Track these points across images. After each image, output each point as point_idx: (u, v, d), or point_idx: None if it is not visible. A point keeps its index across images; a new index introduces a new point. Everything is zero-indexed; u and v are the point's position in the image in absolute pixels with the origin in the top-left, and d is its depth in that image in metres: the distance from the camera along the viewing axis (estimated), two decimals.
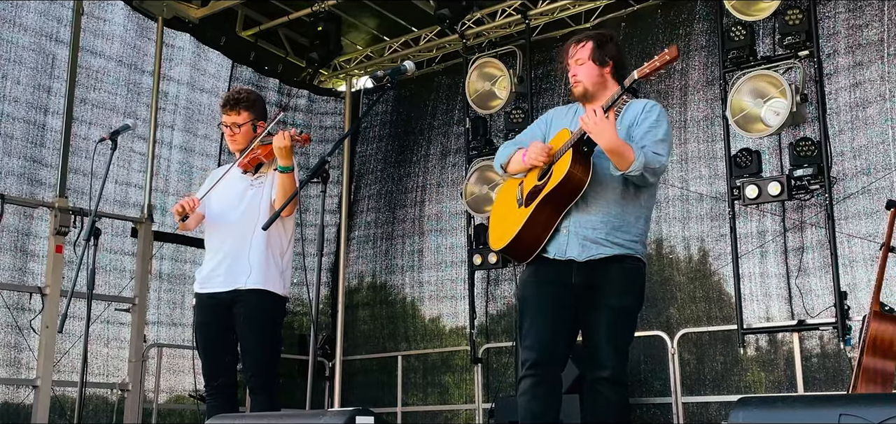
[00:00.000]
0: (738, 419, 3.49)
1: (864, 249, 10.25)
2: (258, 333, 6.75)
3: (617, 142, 5.38)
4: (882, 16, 10.63)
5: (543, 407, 5.59)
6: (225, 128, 7.02)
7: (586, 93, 5.88)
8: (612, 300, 5.59)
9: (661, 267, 11.84)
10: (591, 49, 5.91)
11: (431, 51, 14.25)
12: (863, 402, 3.32)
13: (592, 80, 5.88)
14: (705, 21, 11.89)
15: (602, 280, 5.59)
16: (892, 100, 10.37)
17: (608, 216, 5.62)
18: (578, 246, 5.61)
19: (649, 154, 5.48)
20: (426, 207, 14.21)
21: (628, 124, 5.71)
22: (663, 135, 5.66)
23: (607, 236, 5.60)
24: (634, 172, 5.40)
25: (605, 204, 5.63)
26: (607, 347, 5.56)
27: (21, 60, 10.98)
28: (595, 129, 5.35)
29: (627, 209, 5.68)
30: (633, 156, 5.38)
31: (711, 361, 11.30)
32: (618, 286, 5.61)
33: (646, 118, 5.72)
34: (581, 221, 5.62)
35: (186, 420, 12.46)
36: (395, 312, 14.31)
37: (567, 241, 5.64)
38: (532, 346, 5.66)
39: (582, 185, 5.51)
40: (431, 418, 13.67)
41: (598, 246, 5.59)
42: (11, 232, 10.68)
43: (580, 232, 5.61)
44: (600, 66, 5.90)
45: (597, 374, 5.59)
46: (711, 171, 11.50)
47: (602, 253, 5.58)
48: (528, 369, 5.63)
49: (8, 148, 10.79)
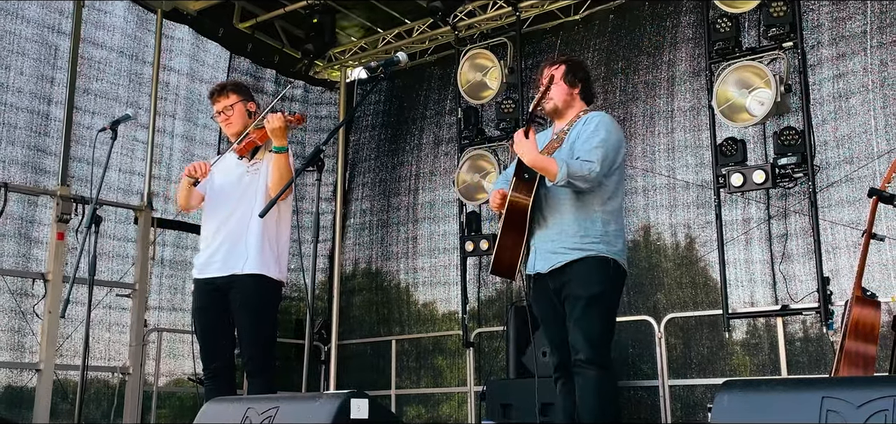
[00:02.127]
0: (723, 401, 3.50)
1: (847, 236, 10.25)
2: (254, 318, 6.76)
3: (536, 158, 5.86)
4: (865, 9, 10.64)
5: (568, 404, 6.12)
6: (219, 115, 7.06)
7: (556, 110, 6.33)
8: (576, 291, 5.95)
9: (648, 253, 11.85)
10: (564, 71, 6.30)
11: (424, 42, 14.22)
12: (845, 385, 3.33)
13: (562, 99, 6.30)
14: (692, 13, 11.89)
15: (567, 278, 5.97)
16: (875, 91, 10.38)
17: (563, 227, 6.03)
18: (542, 260, 6.10)
19: (573, 163, 5.84)
20: (420, 195, 14.19)
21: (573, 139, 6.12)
22: (598, 142, 5.96)
23: (564, 245, 6.01)
24: (559, 183, 5.79)
25: (559, 216, 6.06)
26: (576, 334, 5.91)
27: (24, 51, 10.95)
28: (518, 150, 5.87)
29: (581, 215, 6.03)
30: (555, 168, 5.77)
31: (697, 345, 11.31)
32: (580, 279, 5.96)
33: (585, 128, 6.09)
34: (542, 237, 6.13)
35: (186, 403, 12.45)
36: (389, 297, 14.30)
37: (535, 258, 6.15)
38: (551, 352, 6.28)
39: (526, 207, 6.00)
40: (424, 400, 13.69)
41: (556, 255, 6.02)
42: (15, 219, 10.66)
43: (543, 248, 6.10)
44: (570, 86, 6.31)
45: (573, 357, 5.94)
46: (697, 160, 11.50)
47: (560, 260, 6.00)
48: (555, 371, 6.20)
49: (11, 137, 10.77)
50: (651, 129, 11.92)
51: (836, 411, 3.18)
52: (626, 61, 12.30)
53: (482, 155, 12.63)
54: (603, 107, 11.69)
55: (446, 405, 13.43)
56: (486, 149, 12.58)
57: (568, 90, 6.25)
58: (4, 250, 10.55)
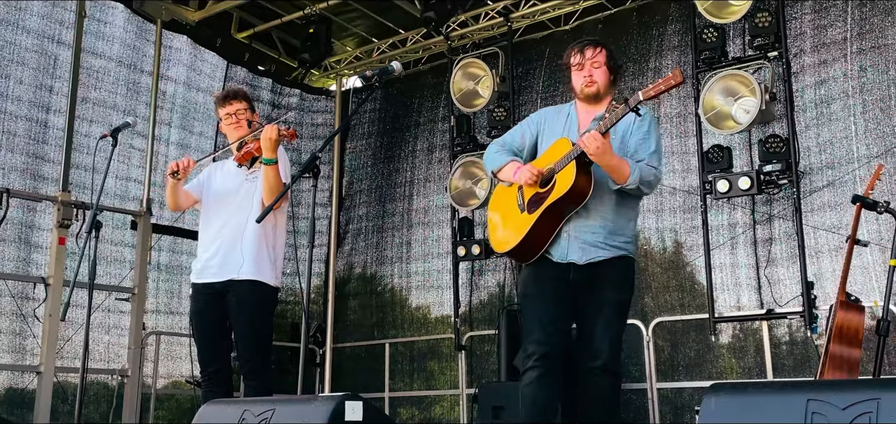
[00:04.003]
0: (710, 404, 3.49)
1: (830, 240, 10.27)
2: (250, 322, 6.79)
3: (615, 162, 5.58)
4: (845, 16, 10.65)
5: (548, 396, 5.76)
6: (229, 118, 7.07)
7: (598, 94, 6.02)
8: (610, 294, 5.79)
9: (636, 257, 11.85)
10: (607, 56, 6.07)
11: (418, 52, 14.25)
12: (830, 388, 3.32)
13: (605, 85, 6.04)
14: (678, 22, 11.90)
15: (600, 278, 5.78)
16: (855, 97, 10.40)
17: (605, 221, 5.80)
18: (579, 250, 5.79)
19: (644, 168, 5.70)
20: (414, 201, 14.20)
21: (622, 133, 5.85)
22: (655, 147, 5.87)
23: (605, 240, 5.79)
24: (631, 186, 5.63)
25: (602, 210, 5.80)
26: (603, 339, 5.72)
27: (24, 61, 10.95)
28: (595, 154, 5.46)
29: (621, 213, 5.88)
30: (628, 171, 5.58)
31: (685, 348, 11.31)
32: (615, 282, 5.83)
33: (639, 129, 5.87)
34: (581, 226, 5.80)
35: (183, 404, 12.44)
36: (383, 301, 14.30)
37: (568, 245, 5.81)
38: (539, 340, 5.79)
39: (585, 195, 5.67)
40: (417, 403, 13.67)
41: (597, 249, 5.78)
42: (16, 224, 10.66)
43: (580, 237, 5.79)
44: (610, 73, 6.07)
45: (591, 363, 5.73)
46: (684, 166, 11.50)
47: (600, 256, 5.78)
48: (536, 361, 5.76)
49: (11, 145, 10.77)
50: None
51: (821, 413, 3.17)
52: None
53: (474, 162, 12.64)
54: None
55: (439, 407, 13.42)
56: (477, 156, 12.57)
57: (609, 77, 6.06)
58: (5, 255, 10.55)
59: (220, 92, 7.39)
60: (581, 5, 12.58)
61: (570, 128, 6.01)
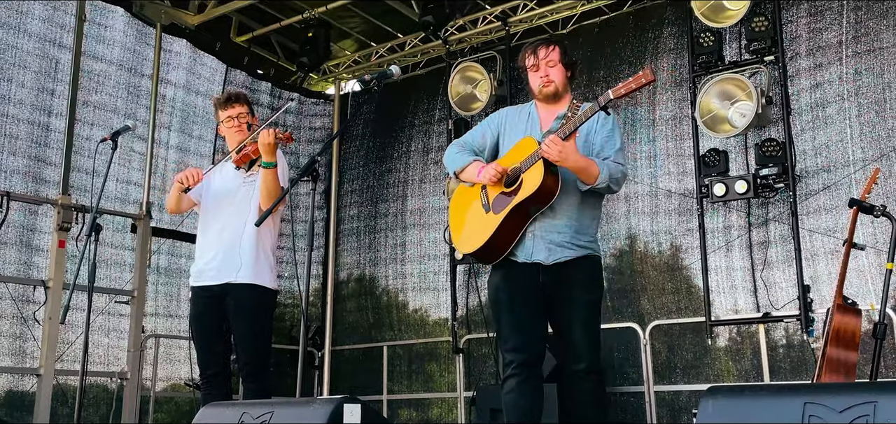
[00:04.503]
0: (708, 406, 3.49)
1: (825, 244, 10.27)
2: (249, 325, 6.78)
3: (582, 163, 5.53)
4: (841, 19, 10.66)
5: (531, 403, 5.69)
6: (231, 121, 7.04)
7: (556, 93, 5.95)
8: (583, 295, 5.73)
9: (632, 260, 11.84)
10: (560, 53, 5.99)
11: (416, 56, 14.23)
12: (827, 391, 3.32)
13: (562, 82, 5.97)
14: (673, 25, 11.90)
15: (569, 278, 5.71)
16: (850, 100, 10.40)
17: (570, 221, 5.74)
18: (545, 250, 5.72)
19: (612, 166, 5.65)
20: (408, 202, 14.18)
21: (586, 131, 5.81)
22: (620, 144, 5.83)
23: (572, 240, 5.73)
24: (600, 186, 5.59)
25: (568, 209, 5.74)
26: (584, 340, 5.66)
27: (25, 65, 10.94)
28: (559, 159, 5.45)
29: (585, 213, 5.82)
30: (597, 171, 5.55)
31: (682, 351, 11.30)
32: (585, 282, 5.76)
33: (602, 127, 5.84)
34: (546, 226, 5.73)
35: (183, 407, 12.43)
36: (379, 303, 14.28)
37: (533, 245, 5.75)
38: (516, 347, 5.75)
39: (553, 195, 5.61)
40: (415, 405, 13.66)
41: (563, 249, 5.71)
42: (16, 227, 10.65)
43: (546, 237, 5.73)
44: (566, 69, 6.00)
45: (575, 367, 5.67)
46: (679, 168, 11.49)
47: (567, 256, 5.71)
48: (515, 369, 5.70)
49: (13, 148, 10.76)
50: (633, 137, 11.90)
51: (818, 416, 3.17)
52: (608, 69, 12.28)
53: None
54: None
55: (437, 409, 13.41)
56: None
57: (565, 72, 5.97)
58: (6, 257, 10.53)
59: (221, 94, 7.37)
60: (578, 10, 12.57)
61: (531, 127, 5.97)
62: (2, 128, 10.70)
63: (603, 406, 5.82)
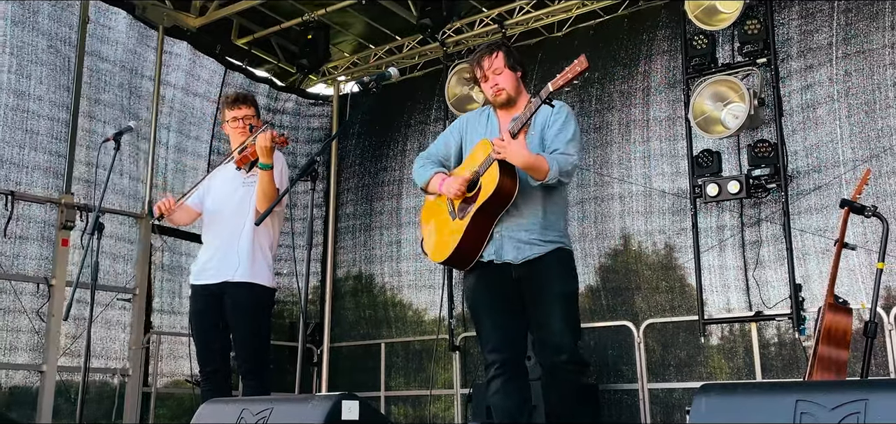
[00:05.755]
0: (701, 404, 3.48)
1: (817, 243, 10.26)
2: (248, 323, 6.83)
3: (530, 159, 5.48)
4: (831, 22, 10.67)
5: (517, 402, 5.72)
6: (236, 122, 7.09)
7: (510, 99, 5.94)
8: (558, 287, 5.69)
9: (627, 259, 11.83)
10: (504, 57, 5.94)
11: (414, 57, 14.23)
12: (818, 389, 3.32)
13: (513, 87, 5.95)
14: (667, 28, 11.90)
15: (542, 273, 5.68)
16: (840, 101, 10.40)
17: (535, 218, 5.71)
18: (513, 249, 5.71)
19: (560, 158, 5.60)
20: (403, 200, 14.17)
21: (541, 125, 5.79)
22: (571, 136, 5.75)
23: (539, 236, 5.71)
24: (551, 181, 5.52)
25: (533, 206, 5.72)
26: (564, 333, 5.61)
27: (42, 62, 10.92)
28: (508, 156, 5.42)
29: (549, 209, 5.78)
30: (547, 167, 5.49)
31: (675, 349, 11.29)
32: (559, 275, 5.72)
33: (555, 121, 5.79)
34: (512, 226, 5.72)
35: (184, 403, 12.42)
36: (376, 301, 14.27)
37: (502, 245, 5.73)
38: (496, 348, 5.76)
39: (512, 195, 5.60)
40: (412, 402, 13.66)
41: (531, 246, 5.70)
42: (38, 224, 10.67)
43: (513, 236, 5.71)
44: (514, 71, 5.96)
45: (556, 359, 5.61)
46: (673, 169, 11.49)
47: (535, 252, 5.69)
48: (497, 369, 5.73)
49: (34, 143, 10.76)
50: (627, 138, 11.90)
51: (810, 414, 3.16)
52: (602, 71, 12.28)
53: None
54: (579, 114, 11.73)
55: (434, 406, 13.40)
56: None
57: (514, 76, 5.93)
58: (9, 254, 10.52)
59: (232, 93, 7.39)
60: (573, 12, 12.59)
61: (491, 130, 5.93)
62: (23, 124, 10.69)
63: (585, 395, 5.81)
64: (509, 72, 5.92)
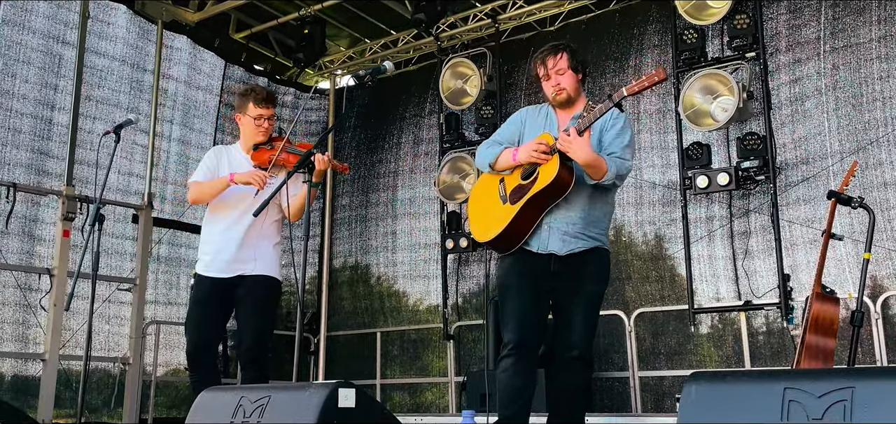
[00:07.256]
0: (691, 392, 3.48)
1: (804, 234, 10.28)
2: (258, 314, 6.84)
3: (593, 157, 5.51)
4: (819, 16, 10.68)
5: (523, 383, 5.74)
6: (261, 119, 7.03)
7: (569, 99, 5.96)
8: (590, 287, 5.77)
9: (618, 250, 11.81)
10: (568, 58, 5.96)
11: (408, 52, 14.25)
12: (806, 377, 3.31)
13: (574, 87, 5.97)
14: (658, 23, 11.91)
15: (580, 269, 5.73)
16: (827, 94, 10.43)
17: (584, 213, 5.74)
18: (559, 240, 5.73)
19: (618, 161, 5.66)
20: (399, 191, 14.17)
21: (600, 128, 5.80)
22: (628, 141, 5.81)
23: (584, 231, 5.75)
24: (607, 181, 5.58)
25: (581, 202, 5.74)
26: (581, 329, 5.70)
27: (29, 60, 10.92)
28: (571, 151, 5.46)
29: (597, 206, 5.83)
30: (606, 167, 5.53)
31: (666, 338, 11.31)
32: (594, 274, 5.80)
33: (614, 125, 5.83)
34: (561, 218, 5.74)
35: (182, 391, 12.42)
36: (372, 291, 14.27)
37: (549, 236, 5.75)
38: (516, 329, 5.78)
39: (567, 187, 5.64)
40: (408, 390, 13.67)
41: (576, 240, 5.73)
42: (20, 218, 10.64)
43: (561, 228, 5.73)
44: (576, 73, 5.98)
45: (568, 353, 5.71)
46: (664, 161, 11.50)
47: (580, 246, 5.73)
48: (512, 349, 5.75)
49: (17, 141, 10.74)
50: None
51: (798, 401, 3.16)
52: (593, 65, 12.21)
53: (462, 157, 12.67)
54: None
55: (429, 393, 13.42)
56: (466, 152, 12.60)
57: (576, 77, 5.96)
58: (10, 247, 10.52)
59: (262, 89, 7.31)
60: (566, 7, 12.60)
61: (550, 127, 5.96)
62: (6, 122, 10.68)
63: (589, 394, 5.86)
64: (571, 73, 5.95)
